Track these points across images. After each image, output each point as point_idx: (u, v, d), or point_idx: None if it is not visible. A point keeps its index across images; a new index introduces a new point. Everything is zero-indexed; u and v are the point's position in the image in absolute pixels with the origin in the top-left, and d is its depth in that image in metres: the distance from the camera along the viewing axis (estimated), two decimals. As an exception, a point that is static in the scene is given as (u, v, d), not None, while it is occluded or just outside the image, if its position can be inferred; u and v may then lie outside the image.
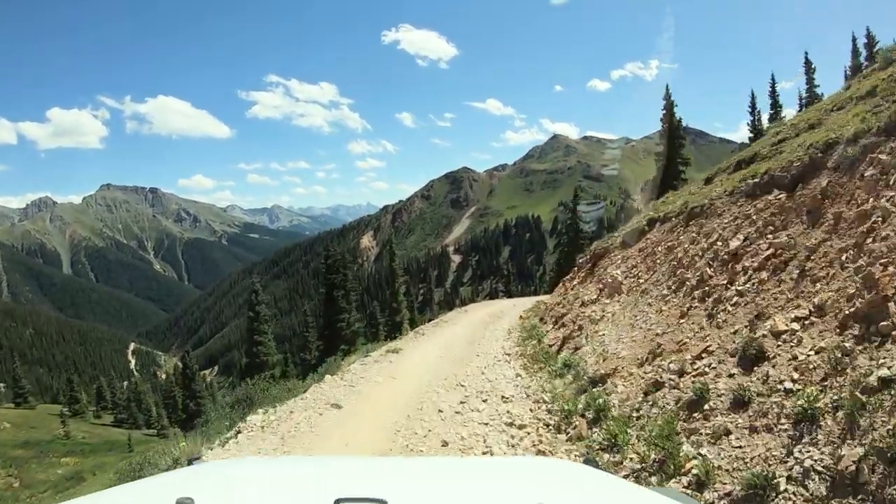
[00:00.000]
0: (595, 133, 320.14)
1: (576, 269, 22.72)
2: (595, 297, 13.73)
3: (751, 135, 39.28)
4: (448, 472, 2.03)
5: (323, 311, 38.58)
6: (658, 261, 11.64)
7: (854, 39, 42.29)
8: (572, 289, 18.40)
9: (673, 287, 9.54)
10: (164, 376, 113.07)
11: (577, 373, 9.24)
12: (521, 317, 22.34)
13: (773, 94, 38.22)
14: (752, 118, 39.74)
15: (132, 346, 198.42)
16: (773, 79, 38.35)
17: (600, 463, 4.86)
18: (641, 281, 11.51)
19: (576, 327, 12.38)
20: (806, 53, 40.33)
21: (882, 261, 5.24)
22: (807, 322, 5.73)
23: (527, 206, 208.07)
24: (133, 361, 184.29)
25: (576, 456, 6.71)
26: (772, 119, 37.96)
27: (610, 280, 13.39)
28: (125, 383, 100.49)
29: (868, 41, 41.94)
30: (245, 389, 17.51)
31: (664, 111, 36.60)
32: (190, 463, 2.26)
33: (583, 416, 7.53)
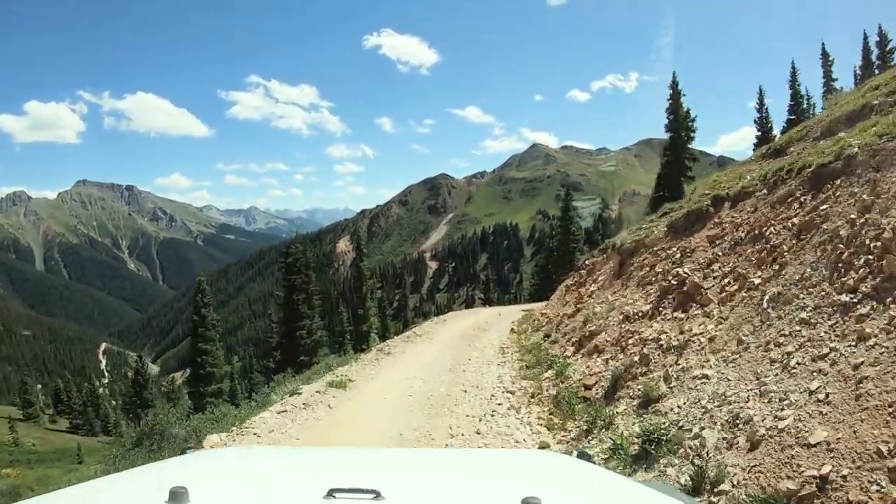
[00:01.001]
0: (574, 143, 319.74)
1: (582, 271, 17.93)
2: (649, 307, 8.75)
3: (758, 133, 35.11)
4: (441, 463, 2.01)
5: (282, 317, 33.25)
6: (780, 247, 6.67)
7: (865, 37, 38.91)
8: (589, 295, 13.45)
9: (855, 287, 4.64)
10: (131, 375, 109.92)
11: (699, 472, 4.20)
12: (512, 329, 17.50)
13: (795, 84, 33.86)
14: (759, 115, 35.36)
15: (103, 345, 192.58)
16: (793, 67, 34.06)
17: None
18: (756, 281, 6.51)
19: (635, 359, 7.35)
20: (823, 45, 36.62)
21: None
22: None
23: (505, 214, 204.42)
24: (104, 361, 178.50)
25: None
26: (792, 111, 33.69)
27: (674, 282, 8.39)
28: (86, 385, 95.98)
29: (880, 39, 38.49)
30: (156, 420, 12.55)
31: (670, 100, 32.08)
32: (183, 452, 2.17)
33: None
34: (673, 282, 8.62)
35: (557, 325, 13.92)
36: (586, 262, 18.90)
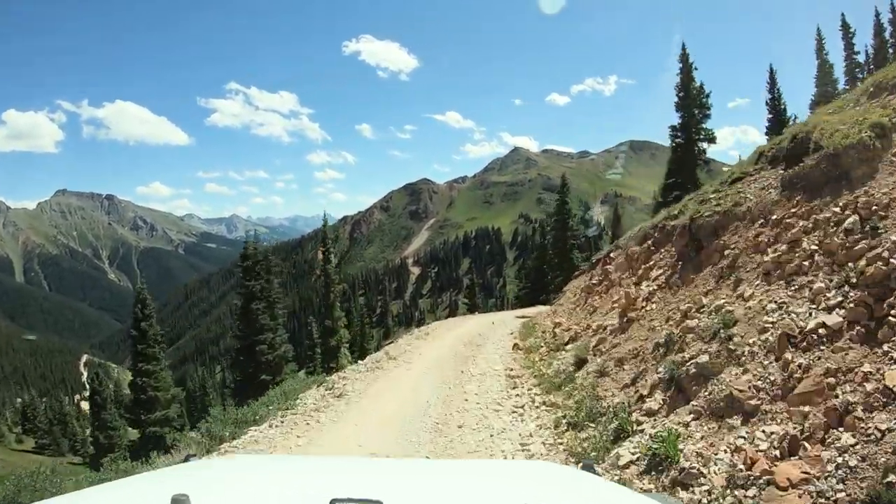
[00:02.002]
0: (555, 147, 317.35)
1: (609, 266, 13.29)
2: (840, 319, 3.86)
3: (770, 115, 30.87)
4: (444, 473, 1.95)
5: (240, 329, 28.12)
6: None
7: (877, 15, 35.07)
8: (647, 298, 8.68)
9: None
10: (114, 389, 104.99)
11: None
12: (515, 345, 13.00)
13: (822, 53, 29.62)
14: (770, 96, 31.01)
15: (84, 357, 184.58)
16: (819, 34, 29.80)
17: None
18: None
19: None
20: (843, 15, 32.47)
21: None
22: None
23: (487, 218, 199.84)
24: (85, 374, 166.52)
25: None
26: (822, 81, 29.42)
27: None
28: (54, 401, 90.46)
29: (894, 16, 34.68)
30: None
31: (680, 74, 27.58)
32: (186, 460, 2.14)
33: None
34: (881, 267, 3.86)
35: (596, 345, 9.17)
36: (609, 254, 14.18)
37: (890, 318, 4.03)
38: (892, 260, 4.37)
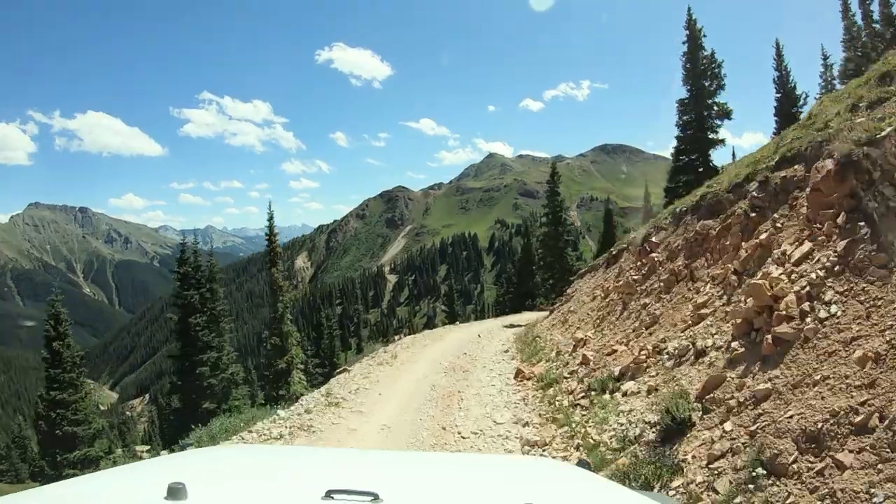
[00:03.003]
0: (530, 152, 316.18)
1: (654, 255, 8.84)
2: None
3: (778, 94, 26.80)
4: (440, 467, 1.92)
5: (177, 349, 23.30)
6: None
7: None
8: (825, 297, 3.96)
9: None
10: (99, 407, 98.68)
11: None
12: (520, 374, 9.22)
13: (849, 15, 25.73)
14: (778, 73, 26.96)
15: None
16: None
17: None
18: None
19: None
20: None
21: None
22: None
23: (463, 225, 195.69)
24: None
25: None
26: (849, 46, 25.47)
27: None
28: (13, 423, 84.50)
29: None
30: None
31: (686, 43, 23.56)
32: (183, 448, 2.18)
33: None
34: None
35: (706, 390, 4.60)
36: (650, 239, 9.82)
37: None
38: None
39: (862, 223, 4.46)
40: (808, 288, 4.48)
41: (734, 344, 4.90)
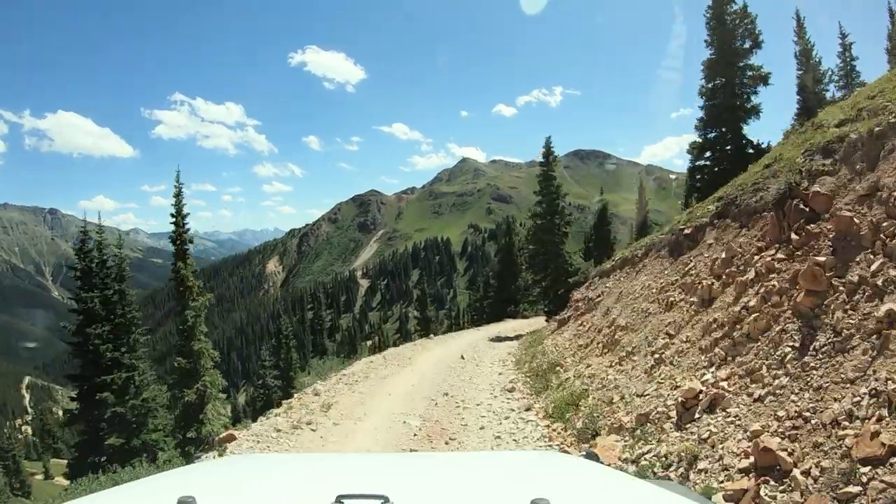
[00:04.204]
0: (503, 157, 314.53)
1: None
2: None
3: (799, 71, 22.17)
4: (450, 467, 1.90)
5: (78, 368, 18.03)
6: None
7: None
8: None
9: None
10: (59, 413, 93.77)
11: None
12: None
13: None
14: (799, 48, 22.32)
15: (27, 379, 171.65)
16: None
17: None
18: None
19: None
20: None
21: None
22: None
23: (436, 229, 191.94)
24: (27, 397, 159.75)
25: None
26: None
27: None
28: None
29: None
30: None
31: (710, -3, 18.97)
32: (192, 461, 2.11)
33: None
34: None
35: None
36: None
37: None
38: None
39: None
40: None
41: None
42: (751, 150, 17.66)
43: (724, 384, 4.82)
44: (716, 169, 18.37)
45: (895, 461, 2.95)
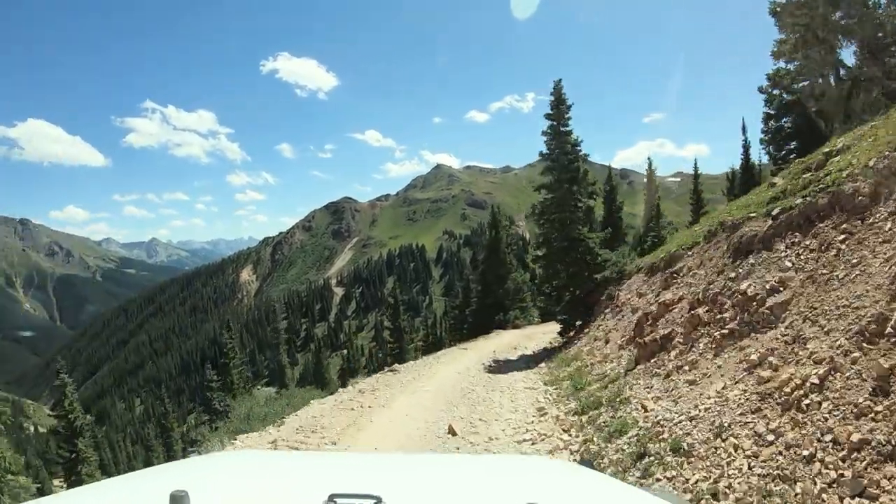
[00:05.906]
0: (477, 163, 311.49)
1: None
2: None
3: None
4: (443, 468, 1.85)
5: None
6: None
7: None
8: None
9: None
10: (32, 429, 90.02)
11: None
12: None
13: None
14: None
15: None
16: None
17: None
18: None
19: None
20: None
21: None
22: None
23: (410, 236, 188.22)
24: None
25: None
26: None
27: None
28: None
29: None
30: None
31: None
32: (186, 456, 2.02)
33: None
34: None
35: None
36: None
37: None
38: None
39: None
40: None
41: None
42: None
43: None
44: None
45: None
